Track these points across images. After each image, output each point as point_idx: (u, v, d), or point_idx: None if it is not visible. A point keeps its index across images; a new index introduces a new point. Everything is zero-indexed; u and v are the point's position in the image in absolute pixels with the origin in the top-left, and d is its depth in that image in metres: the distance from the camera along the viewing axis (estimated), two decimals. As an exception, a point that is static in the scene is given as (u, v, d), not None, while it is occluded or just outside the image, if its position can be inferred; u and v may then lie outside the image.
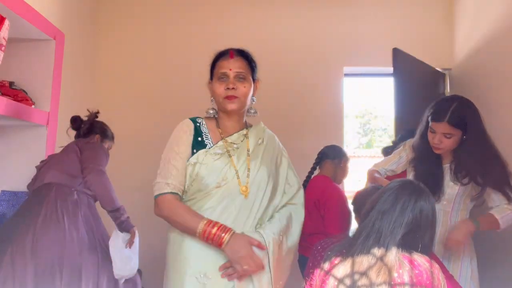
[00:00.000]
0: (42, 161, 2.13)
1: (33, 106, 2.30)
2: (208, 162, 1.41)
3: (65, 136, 2.59)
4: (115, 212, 1.94)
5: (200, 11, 3.38)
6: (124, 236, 1.96)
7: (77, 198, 1.95)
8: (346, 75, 3.35)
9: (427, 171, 1.86)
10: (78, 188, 1.97)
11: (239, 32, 3.35)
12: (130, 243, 1.97)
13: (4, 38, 1.70)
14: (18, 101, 2.19)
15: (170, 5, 3.39)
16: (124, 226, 1.96)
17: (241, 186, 1.41)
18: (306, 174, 2.67)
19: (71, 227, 1.85)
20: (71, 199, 1.92)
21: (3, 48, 1.69)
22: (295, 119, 3.25)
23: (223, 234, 1.30)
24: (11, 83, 2.26)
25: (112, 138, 2.33)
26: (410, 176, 1.95)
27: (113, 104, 3.19)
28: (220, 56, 1.49)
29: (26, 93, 2.30)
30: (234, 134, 1.49)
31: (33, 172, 2.28)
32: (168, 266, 1.45)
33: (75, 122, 2.23)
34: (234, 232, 1.32)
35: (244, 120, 1.55)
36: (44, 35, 2.35)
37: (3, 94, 2.15)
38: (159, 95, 3.32)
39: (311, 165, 2.67)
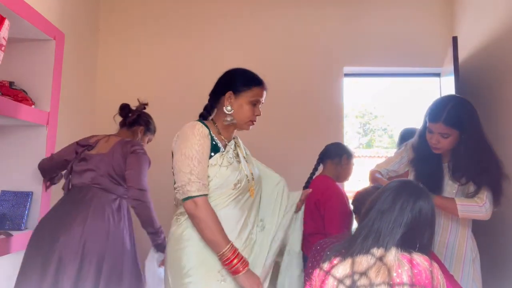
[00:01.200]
0: (79, 156, 2.11)
1: (33, 106, 2.29)
2: (226, 164, 1.55)
3: (65, 136, 2.59)
4: (154, 234, 2.00)
5: (201, 11, 3.38)
6: (159, 256, 2.03)
7: (120, 203, 2.02)
8: (346, 75, 3.35)
9: (427, 171, 1.87)
10: (121, 193, 2.04)
11: (239, 33, 3.35)
12: (162, 263, 2.01)
13: (4, 38, 1.69)
14: (18, 101, 2.18)
15: (171, 5, 3.39)
16: (160, 247, 2.02)
17: (250, 188, 1.61)
18: (306, 174, 2.67)
19: (116, 229, 1.93)
20: (114, 204, 1.99)
21: (3, 48, 1.69)
22: (295, 119, 3.25)
23: (241, 268, 1.43)
24: (11, 83, 2.25)
25: (154, 131, 2.39)
26: (411, 175, 1.96)
27: (113, 104, 3.19)
28: (258, 83, 1.63)
29: (26, 93, 2.30)
30: (231, 141, 1.66)
31: (32, 172, 2.29)
32: (191, 264, 1.48)
33: (123, 110, 2.29)
34: (249, 268, 1.47)
35: None
36: (44, 35, 2.34)
37: (3, 94, 2.15)
38: (159, 95, 3.31)
39: (311, 165, 2.67)
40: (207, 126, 1.57)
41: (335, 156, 2.55)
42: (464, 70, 3.06)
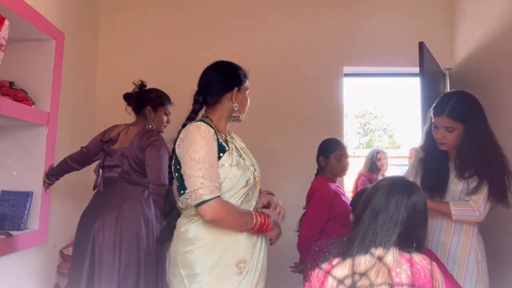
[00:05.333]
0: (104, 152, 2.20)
1: (33, 106, 2.29)
2: (235, 164, 1.51)
3: (65, 136, 2.60)
4: None
5: (201, 11, 3.38)
6: None
7: (148, 195, 2.11)
8: (346, 75, 3.35)
9: (433, 169, 1.86)
10: (147, 184, 2.11)
11: (239, 33, 3.35)
12: None
13: (4, 38, 1.69)
14: (18, 101, 2.18)
15: (171, 5, 3.39)
16: None
17: (256, 181, 1.60)
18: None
19: (149, 214, 2.06)
20: (143, 195, 2.11)
21: (3, 48, 1.69)
22: (295, 119, 3.25)
23: (270, 222, 1.53)
24: (11, 83, 2.25)
25: (165, 103, 2.36)
26: (419, 174, 1.92)
27: (113, 104, 3.19)
28: (245, 72, 1.67)
29: (26, 93, 2.30)
30: (227, 137, 1.62)
31: (32, 172, 2.29)
32: (202, 267, 1.44)
33: (128, 99, 2.31)
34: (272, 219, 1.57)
35: None
36: (44, 35, 2.34)
37: (3, 94, 2.15)
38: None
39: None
40: (211, 126, 1.50)
41: (317, 160, 2.52)
42: (464, 69, 3.06)
